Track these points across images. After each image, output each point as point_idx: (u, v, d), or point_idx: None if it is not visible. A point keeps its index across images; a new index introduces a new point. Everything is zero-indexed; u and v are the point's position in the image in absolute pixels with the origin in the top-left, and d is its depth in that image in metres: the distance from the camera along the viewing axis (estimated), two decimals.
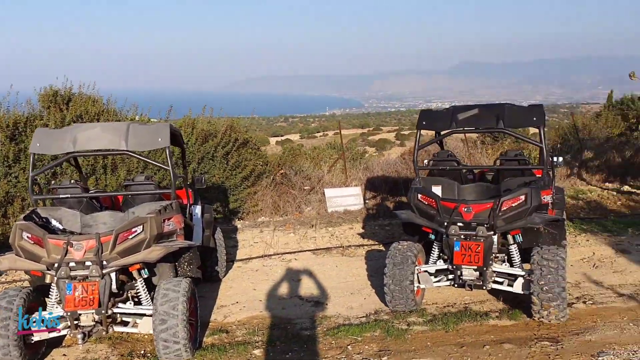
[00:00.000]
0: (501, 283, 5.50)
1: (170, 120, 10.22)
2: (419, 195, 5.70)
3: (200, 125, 10.33)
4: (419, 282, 5.63)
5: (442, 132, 6.57)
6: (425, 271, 5.67)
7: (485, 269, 5.31)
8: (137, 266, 4.77)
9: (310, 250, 8.28)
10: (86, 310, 4.51)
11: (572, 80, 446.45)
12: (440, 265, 5.69)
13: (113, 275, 4.61)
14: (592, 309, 5.59)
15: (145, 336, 5.14)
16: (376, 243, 8.46)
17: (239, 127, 10.99)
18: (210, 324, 5.67)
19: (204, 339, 5.23)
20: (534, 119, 5.71)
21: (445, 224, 5.41)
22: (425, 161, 6.79)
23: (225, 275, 7.10)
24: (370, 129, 73.09)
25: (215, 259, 6.70)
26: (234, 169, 10.42)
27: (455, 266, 5.39)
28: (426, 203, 5.62)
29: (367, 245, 8.40)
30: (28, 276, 5.21)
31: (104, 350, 4.97)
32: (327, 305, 6.09)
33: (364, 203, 10.86)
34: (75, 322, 4.56)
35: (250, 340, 5.19)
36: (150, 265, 4.96)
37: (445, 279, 5.67)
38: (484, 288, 5.41)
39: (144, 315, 4.76)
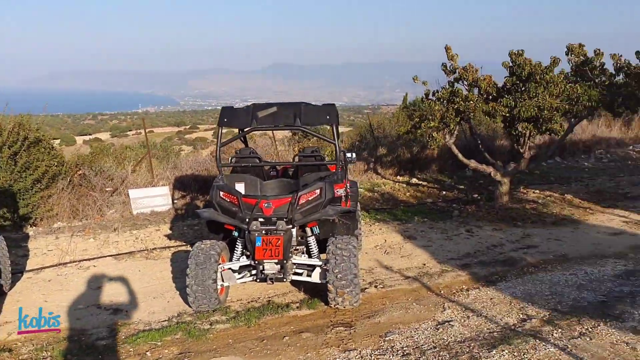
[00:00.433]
0: (301, 274, 5.73)
1: None
2: (221, 193, 5.66)
3: None
4: (222, 280, 5.60)
5: (244, 130, 6.64)
6: (229, 269, 5.67)
7: (285, 261, 5.47)
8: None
9: (111, 256, 7.73)
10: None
11: (375, 83, 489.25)
12: (244, 261, 5.73)
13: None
14: (383, 292, 6.09)
15: None
16: (183, 244, 8.21)
17: (29, 125, 9.80)
18: None
19: None
20: (327, 117, 6.05)
21: (247, 220, 5.46)
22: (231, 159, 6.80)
23: (11, 288, 6.39)
24: (187, 127, 71.42)
25: None
26: (23, 170, 9.29)
27: (257, 261, 5.46)
28: (228, 200, 5.60)
29: (174, 246, 8.11)
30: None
31: None
32: (128, 311, 5.76)
33: (173, 203, 10.47)
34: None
35: (38, 357, 4.73)
36: None
37: (248, 275, 5.73)
38: (285, 280, 5.57)
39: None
